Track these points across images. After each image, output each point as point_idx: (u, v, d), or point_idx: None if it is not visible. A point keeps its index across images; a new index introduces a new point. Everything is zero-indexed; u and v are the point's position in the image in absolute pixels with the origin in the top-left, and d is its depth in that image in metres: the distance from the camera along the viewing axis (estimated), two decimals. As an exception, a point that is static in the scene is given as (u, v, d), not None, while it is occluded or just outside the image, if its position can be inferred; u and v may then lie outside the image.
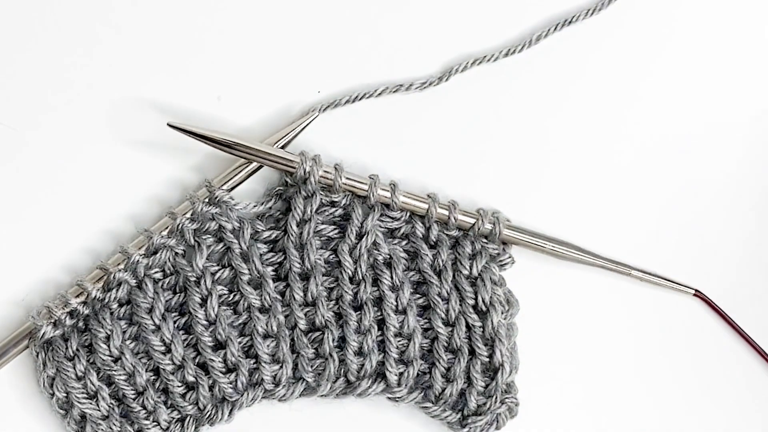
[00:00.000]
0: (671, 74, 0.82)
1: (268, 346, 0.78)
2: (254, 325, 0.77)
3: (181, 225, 0.77)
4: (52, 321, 0.76)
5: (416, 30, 0.81)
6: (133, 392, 0.77)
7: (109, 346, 0.77)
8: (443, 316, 0.78)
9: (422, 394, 0.79)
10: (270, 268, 0.78)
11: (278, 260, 0.78)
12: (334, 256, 0.78)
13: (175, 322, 0.77)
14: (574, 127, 0.81)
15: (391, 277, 0.78)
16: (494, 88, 0.81)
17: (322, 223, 0.78)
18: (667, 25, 0.82)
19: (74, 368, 0.77)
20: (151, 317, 0.77)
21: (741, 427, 0.82)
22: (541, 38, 0.81)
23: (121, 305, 0.77)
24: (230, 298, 0.78)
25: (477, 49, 0.81)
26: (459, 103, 0.81)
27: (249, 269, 0.77)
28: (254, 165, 0.78)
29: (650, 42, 0.82)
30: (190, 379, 0.77)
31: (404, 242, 0.79)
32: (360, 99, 0.80)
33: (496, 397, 0.79)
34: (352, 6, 0.80)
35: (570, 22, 0.81)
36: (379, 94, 0.80)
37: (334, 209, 0.78)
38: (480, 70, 0.81)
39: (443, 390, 0.79)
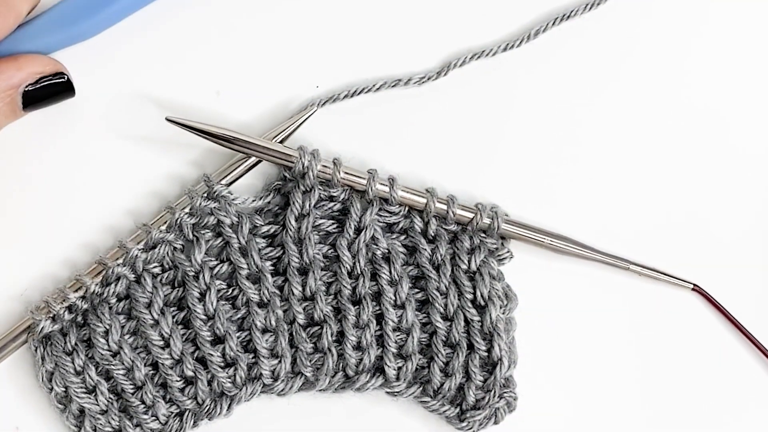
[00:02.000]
0: (670, 69, 0.82)
1: (266, 340, 0.78)
2: (253, 320, 0.77)
3: (179, 220, 0.77)
4: (51, 316, 0.76)
5: (415, 25, 0.81)
6: (131, 387, 0.77)
7: (107, 341, 0.77)
8: (442, 310, 0.78)
9: (421, 388, 0.79)
10: (268, 263, 0.78)
11: (277, 255, 0.78)
12: (332, 250, 0.78)
13: (173, 317, 0.77)
14: (573, 121, 0.81)
15: (390, 272, 0.78)
16: (493, 83, 0.81)
17: (321, 218, 0.78)
18: (666, 19, 0.82)
19: (73, 363, 0.77)
20: (150, 312, 0.77)
21: (740, 423, 0.82)
22: (539, 33, 0.81)
23: (119, 300, 0.77)
24: (229, 293, 0.78)
25: (476, 44, 0.81)
26: (457, 98, 0.81)
27: (248, 264, 0.77)
28: (253, 160, 0.78)
29: (650, 36, 0.82)
30: (189, 373, 0.77)
31: (403, 237, 0.79)
32: (358, 94, 0.80)
33: (495, 392, 0.79)
34: (350, 1, 0.80)
35: (569, 17, 0.81)
36: (378, 88, 0.80)
37: (332, 204, 0.78)
38: (479, 64, 0.81)
39: (442, 384, 0.79)
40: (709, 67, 0.82)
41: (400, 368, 0.79)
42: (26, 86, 0.75)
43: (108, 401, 0.77)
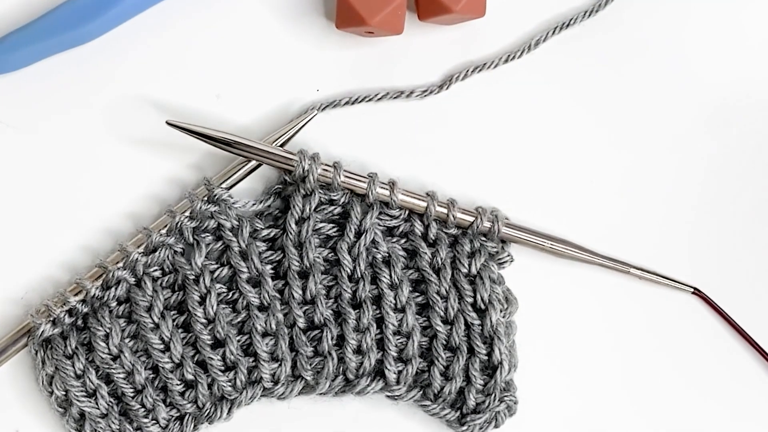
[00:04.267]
0: (670, 73, 0.82)
1: (266, 344, 0.77)
2: (253, 324, 0.77)
3: (180, 223, 0.77)
4: (51, 319, 0.76)
5: (416, 35, 0.81)
6: (132, 390, 0.77)
7: (108, 344, 0.76)
8: (442, 314, 0.78)
9: (421, 392, 0.79)
10: (269, 267, 0.78)
11: (277, 258, 0.78)
12: (332, 254, 0.78)
13: (174, 321, 0.77)
14: (574, 126, 0.82)
15: (390, 276, 0.78)
16: (495, 92, 0.81)
17: (321, 222, 0.78)
18: (665, 23, 0.82)
19: (73, 366, 0.77)
20: (150, 315, 0.77)
21: (740, 426, 0.82)
22: (540, 42, 0.81)
23: (120, 303, 0.77)
24: (229, 297, 0.78)
25: (477, 56, 0.81)
26: (460, 105, 0.81)
27: (248, 267, 0.77)
28: (253, 163, 0.78)
29: (649, 41, 0.82)
30: (189, 377, 0.77)
31: (403, 240, 0.79)
32: (359, 102, 0.80)
33: (495, 395, 0.78)
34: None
35: (568, 25, 0.82)
36: (380, 99, 0.80)
37: (332, 207, 0.78)
38: (480, 77, 0.81)
39: (442, 388, 0.79)
40: (710, 73, 0.82)
41: (400, 372, 0.78)
42: None
43: (108, 405, 0.77)
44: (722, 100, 0.82)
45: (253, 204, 0.78)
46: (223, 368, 0.77)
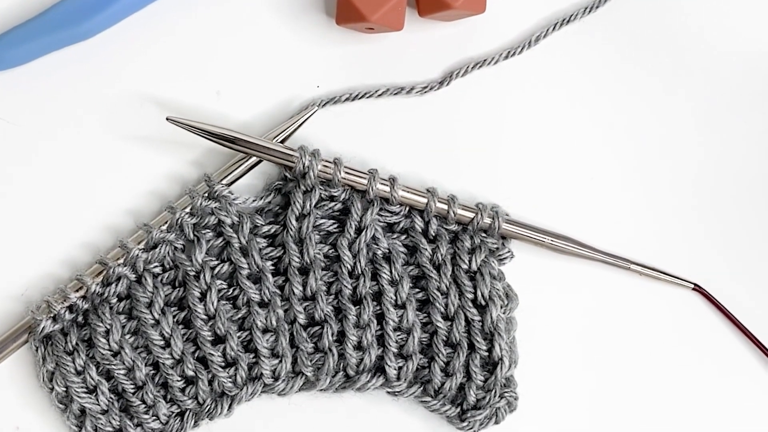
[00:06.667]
0: (671, 70, 0.82)
1: (267, 340, 0.78)
2: (253, 320, 0.77)
3: (180, 219, 0.77)
4: (52, 315, 0.76)
5: (417, 31, 0.81)
6: (132, 386, 0.77)
7: (108, 341, 0.76)
8: (442, 310, 0.78)
9: (421, 388, 0.79)
10: (269, 263, 0.78)
11: (277, 255, 0.78)
12: (333, 250, 0.78)
13: (174, 317, 0.77)
14: (574, 123, 0.82)
15: (390, 272, 0.78)
16: (495, 89, 0.81)
17: (322, 218, 0.78)
18: (665, 20, 0.82)
19: (74, 363, 0.77)
20: (151, 312, 0.77)
21: (740, 423, 0.82)
22: (540, 39, 0.81)
23: (120, 300, 0.77)
24: (229, 293, 0.78)
25: (477, 53, 0.82)
26: (460, 102, 0.81)
27: (248, 264, 0.77)
28: (253, 159, 0.78)
29: (649, 37, 0.82)
30: (190, 373, 0.77)
31: (403, 237, 0.79)
32: (360, 98, 0.80)
33: (496, 392, 0.79)
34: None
35: (568, 22, 0.82)
36: (380, 95, 0.80)
37: (333, 204, 0.78)
38: (481, 73, 0.81)
39: (442, 384, 0.79)
40: (710, 69, 0.82)
41: (400, 368, 0.78)
42: None
43: (109, 401, 0.77)
44: (723, 97, 0.82)
45: (254, 200, 0.78)
46: (223, 364, 0.77)
